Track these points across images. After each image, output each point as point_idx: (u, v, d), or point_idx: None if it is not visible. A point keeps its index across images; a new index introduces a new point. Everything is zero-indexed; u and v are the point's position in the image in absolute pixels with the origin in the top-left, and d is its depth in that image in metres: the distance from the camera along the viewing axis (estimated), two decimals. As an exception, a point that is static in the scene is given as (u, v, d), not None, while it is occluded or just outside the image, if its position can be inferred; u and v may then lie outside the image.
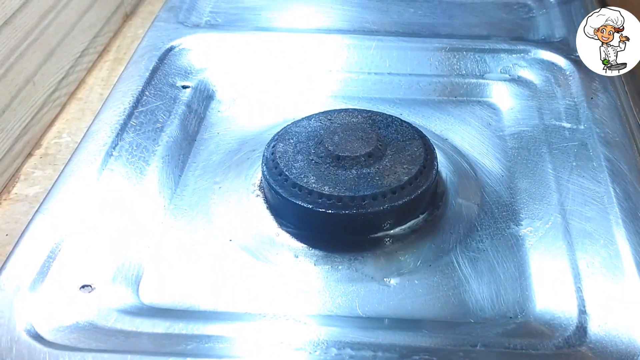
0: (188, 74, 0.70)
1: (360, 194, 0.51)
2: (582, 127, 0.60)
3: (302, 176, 0.53)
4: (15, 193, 0.61)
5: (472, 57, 0.70)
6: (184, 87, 0.68)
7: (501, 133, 0.63)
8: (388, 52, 0.71)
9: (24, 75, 0.65)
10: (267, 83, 0.70)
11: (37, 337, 0.44)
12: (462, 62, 0.70)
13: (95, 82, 0.76)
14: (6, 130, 0.62)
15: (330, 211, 0.51)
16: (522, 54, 0.70)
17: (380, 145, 0.55)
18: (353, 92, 0.69)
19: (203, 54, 0.72)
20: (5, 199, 0.61)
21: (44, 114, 0.68)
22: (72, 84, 0.74)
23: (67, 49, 0.72)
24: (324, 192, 0.51)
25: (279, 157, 0.55)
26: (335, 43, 0.73)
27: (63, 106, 0.72)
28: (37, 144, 0.67)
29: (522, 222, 0.54)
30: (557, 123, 0.62)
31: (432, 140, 0.59)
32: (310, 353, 0.44)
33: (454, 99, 0.68)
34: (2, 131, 0.61)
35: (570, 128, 0.61)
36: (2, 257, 0.51)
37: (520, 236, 0.53)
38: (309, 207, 0.51)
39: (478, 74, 0.69)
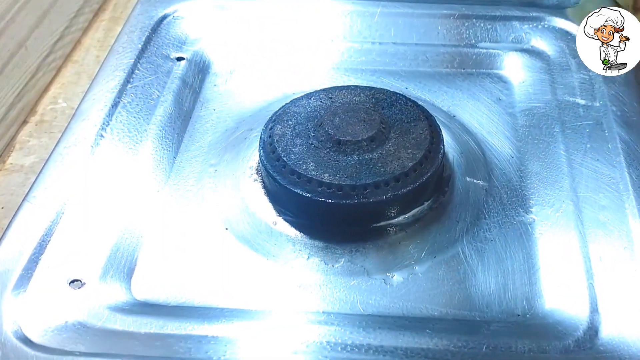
0: (182, 44, 0.67)
1: (361, 182, 0.49)
2: (597, 104, 0.57)
3: (301, 162, 0.50)
4: (11, 163, 0.60)
5: (482, 25, 0.67)
6: (179, 59, 0.65)
7: (512, 109, 0.60)
8: (393, 19, 0.68)
9: (16, 40, 0.63)
10: (266, 53, 0.67)
11: (25, 340, 0.42)
12: (471, 31, 0.67)
13: (92, 44, 0.74)
14: None
15: (330, 201, 0.48)
16: (535, 22, 0.66)
17: (383, 127, 0.52)
18: (356, 63, 0.66)
19: (198, 22, 0.69)
20: (0, 170, 0.59)
21: (39, 79, 0.67)
22: (67, 46, 0.71)
23: (61, 9, 0.70)
24: (323, 180, 0.49)
25: (277, 140, 0.52)
26: (337, 10, 0.69)
27: (58, 70, 0.70)
28: (32, 111, 0.65)
29: (531, 209, 0.52)
30: (570, 99, 0.59)
31: (439, 117, 0.57)
32: (307, 355, 0.42)
33: (462, 70, 0.65)
34: None
35: (584, 105, 0.58)
36: None
37: (529, 224, 0.51)
38: (307, 196, 0.49)
39: (488, 43, 0.66)
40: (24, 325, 0.43)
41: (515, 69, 0.64)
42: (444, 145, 0.52)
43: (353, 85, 0.57)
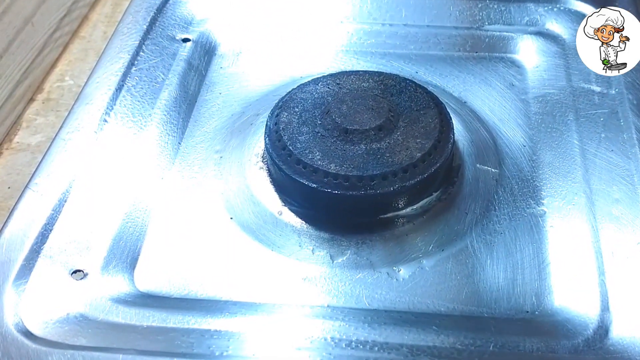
0: (188, 25, 0.65)
1: (368, 173, 0.47)
2: (613, 91, 0.55)
3: (307, 152, 0.49)
4: (17, 142, 0.59)
5: (495, 7, 0.65)
6: (184, 40, 0.64)
7: (525, 96, 0.59)
8: (404, 0, 0.66)
9: (22, 16, 0.62)
10: (274, 35, 0.66)
11: (25, 332, 0.42)
12: (484, 13, 0.65)
13: (99, 19, 0.72)
14: (5, 75, 0.60)
15: (336, 192, 0.47)
16: (550, 4, 0.64)
17: (391, 116, 0.51)
18: (365, 45, 0.64)
19: (205, 2, 0.67)
20: (6, 148, 0.58)
21: (45, 56, 0.66)
22: (74, 21, 0.70)
23: (67, -17, 0.68)
24: (329, 170, 0.48)
25: (283, 128, 0.51)
26: (347, -10, 0.67)
27: (65, 46, 0.69)
28: (38, 88, 0.64)
29: (543, 201, 0.50)
30: (585, 86, 0.57)
31: (450, 104, 0.56)
32: (311, 352, 0.42)
33: (474, 54, 0.63)
34: (2, 77, 0.59)
35: (600, 92, 0.56)
36: (4, 212, 0.50)
37: (540, 217, 0.49)
38: (313, 187, 0.48)
39: (502, 26, 0.64)
40: (25, 317, 0.43)
41: (529, 53, 0.62)
42: (454, 135, 0.51)
43: (362, 71, 0.56)
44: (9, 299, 0.43)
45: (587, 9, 0.62)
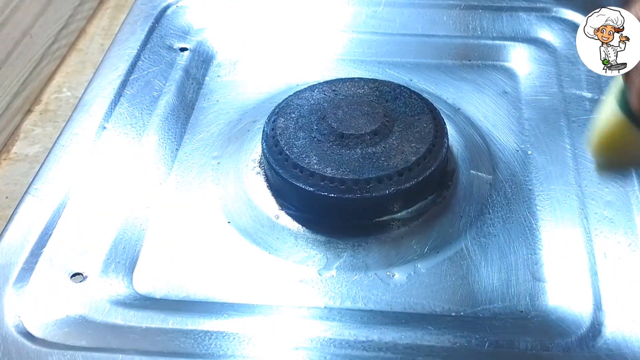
0: (186, 34, 0.66)
1: (364, 176, 0.48)
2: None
3: (304, 156, 0.50)
4: (15, 152, 0.59)
5: (488, 16, 0.66)
6: (182, 49, 0.65)
7: (517, 102, 0.59)
8: (399, 9, 0.67)
9: (21, 28, 0.63)
10: (271, 44, 0.67)
11: (26, 334, 0.42)
12: (477, 22, 0.66)
13: (96, 32, 0.73)
14: (4, 86, 0.60)
15: (332, 195, 0.48)
16: (542, 13, 0.65)
17: (387, 121, 0.52)
18: (360, 54, 0.65)
19: (202, 12, 0.68)
20: (4, 159, 0.59)
21: (43, 68, 0.66)
22: (71, 34, 0.71)
23: (65, -4, 0.69)
24: (326, 174, 0.48)
25: (280, 133, 0.52)
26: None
27: (63, 58, 0.69)
28: (36, 100, 0.65)
29: (536, 204, 0.51)
30: (577, 92, 0.58)
31: (444, 110, 0.56)
32: (308, 352, 0.42)
33: (468, 62, 0.64)
34: (0, 88, 0.59)
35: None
36: (2, 222, 0.50)
37: (533, 219, 0.50)
38: (310, 190, 0.49)
39: (494, 34, 0.65)
40: (25, 319, 0.43)
41: (521, 60, 0.63)
42: (448, 139, 0.52)
43: (357, 78, 0.57)
44: (9, 301, 0.44)
45: (578, 17, 0.64)
